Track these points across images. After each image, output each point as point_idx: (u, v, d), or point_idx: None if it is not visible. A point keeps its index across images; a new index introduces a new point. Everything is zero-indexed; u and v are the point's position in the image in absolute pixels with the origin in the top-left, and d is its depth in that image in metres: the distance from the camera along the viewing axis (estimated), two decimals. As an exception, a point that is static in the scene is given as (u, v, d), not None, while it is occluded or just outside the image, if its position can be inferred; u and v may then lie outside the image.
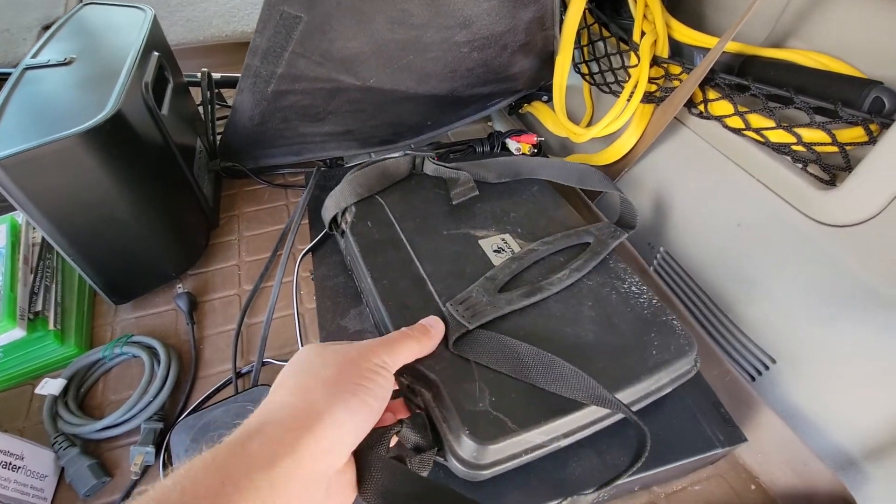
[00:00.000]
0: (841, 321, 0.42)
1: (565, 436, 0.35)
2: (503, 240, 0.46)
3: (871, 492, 0.42)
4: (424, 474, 0.31)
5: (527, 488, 0.36)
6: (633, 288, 0.43)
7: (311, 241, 0.56)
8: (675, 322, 0.40)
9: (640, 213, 0.61)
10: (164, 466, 0.46)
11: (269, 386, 0.49)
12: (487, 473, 0.33)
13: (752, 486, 0.46)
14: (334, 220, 0.51)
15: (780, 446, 0.44)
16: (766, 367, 0.48)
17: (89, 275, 0.52)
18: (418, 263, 0.43)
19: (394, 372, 0.30)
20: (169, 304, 0.59)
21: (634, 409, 0.37)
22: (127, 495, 0.44)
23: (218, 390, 0.52)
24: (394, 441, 0.31)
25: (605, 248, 0.45)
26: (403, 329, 0.33)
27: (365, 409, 0.26)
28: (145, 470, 0.46)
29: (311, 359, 0.29)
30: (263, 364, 0.52)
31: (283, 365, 0.53)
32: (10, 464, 0.40)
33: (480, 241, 0.46)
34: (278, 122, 0.64)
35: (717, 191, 0.53)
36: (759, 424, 0.46)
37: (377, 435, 0.30)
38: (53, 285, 0.56)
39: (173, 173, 0.59)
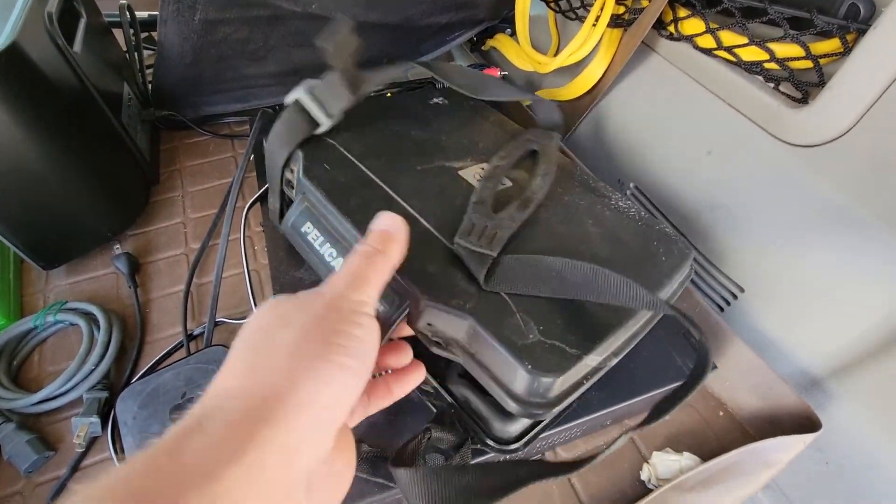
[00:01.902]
0: (811, 244, 0.41)
1: (615, 354, 0.32)
2: (482, 168, 0.42)
3: (835, 409, 0.43)
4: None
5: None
6: (621, 203, 0.41)
7: (259, 191, 0.51)
8: (668, 229, 0.39)
9: (609, 149, 0.59)
10: (113, 437, 0.42)
11: (225, 346, 0.46)
12: (555, 412, 0.29)
13: (721, 413, 0.46)
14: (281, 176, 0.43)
15: (747, 373, 0.45)
16: (735, 297, 0.48)
17: (7, 237, 0.46)
18: (401, 201, 0.36)
19: (376, 305, 0.24)
20: (108, 268, 0.54)
21: (653, 323, 0.35)
22: (74, 469, 0.41)
23: (168, 354, 0.48)
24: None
25: (551, 151, 0.43)
26: (359, 249, 0.25)
27: (343, 374, 0.20)
28: (92, 442, 0.42)
29: (267, 322, 0.22)
30: (216, 324, 0.49)
31: (239, 324, 0.51)
32: (-69, 445, 0.36)
33: (461, 172, 0.41)
34: (214, 60, 0.58)
35: (687, 119, 0.50)
36: (727, 353, 0.46)
37: (409, 452, 0.28)
38: (-31, 253, 0.50)
39: (96, 122, 0.53)
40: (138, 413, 0.41)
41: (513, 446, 0.33)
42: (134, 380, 0.44)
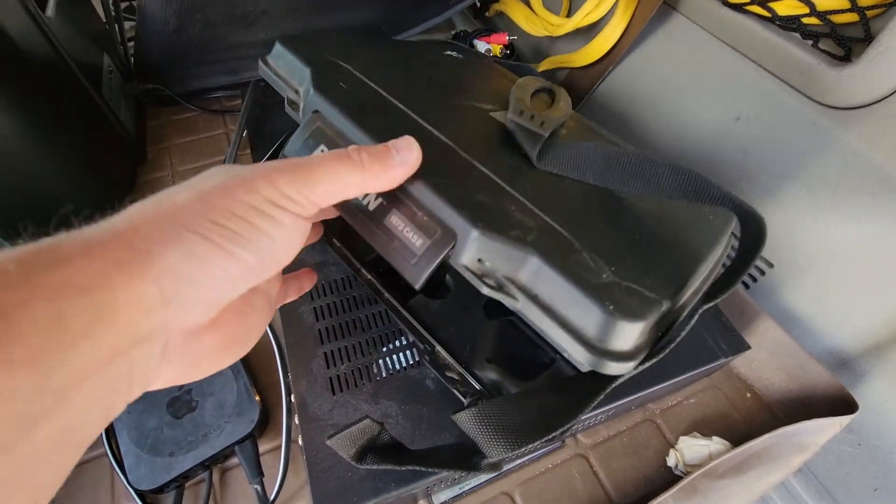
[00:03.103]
0: (848, 214, 0.39)
1: (695, 293, 0.28)
2: None
3: (866, 388, 0.41)
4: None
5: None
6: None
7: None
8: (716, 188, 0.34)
9: (626, 119, 0.56)
10: (108, 436, 0.40)
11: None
12: (633, 365, 0.24)
13: (748, 395, 0.44)
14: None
15: (776, 352, 0.42)
16: (762, 273, 0.45)
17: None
18: (434, 130, 0.30)
19: (313, 212, 0.20)
20: (94, 253, 0.51)
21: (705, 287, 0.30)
22: (66, 466, 0.39)
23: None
24: None
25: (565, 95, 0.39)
26: (339, 150, 0.21)
27: (222, 259, 0.17)
28: (84, 437, 0.40)
29: (198, 179, 0.19)
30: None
31: None
32: None
33: (493, 115, 0.35)
34: (200, 27, 0.53)
35: (712, 84, 0.47)
36: (754, 331, 0.43)
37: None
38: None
39: (74, 95, 0.49)
40: (133, 407, 0.38)
41: (620, 363, 0.25)
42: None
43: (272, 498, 0.36)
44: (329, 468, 0.30)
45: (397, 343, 0.37)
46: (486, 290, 0.25)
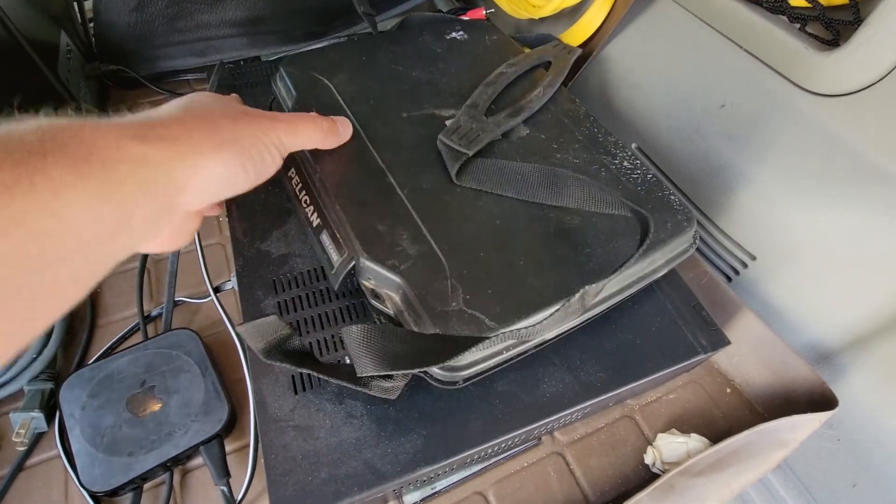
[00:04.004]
0: (832, 205, 0.37)
1: (543, 331, 0.29)
2: None
3: (847, 383, 0.40)
4: (397, 393, 0.29)
5: (491, 416, 0.31)
6: (626, 163, 0.37)
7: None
8: (673, 197, 0.35)
9: (609, 105, 0.54)
10: (61, 433, 0.38)
11: (190, 329, 0.41)
12: (465, 374, 0.29)
13: (728, 390, 0.43)
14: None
15: (758, 346, 0.41)
16: (745, 266, 0.44)
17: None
18: (374, 152, 0.36)
19: (286, 154, 0.29)
20: (52, 243, 0.48)
21: (627, 293, 0.34)
22: (18, 469, 0.37)
23: (124, 338, 0.43)
24: None
25: (566, 64, 0.44)
26: (313, 114, 0.32)
27: (241, 172, 0.26)
28: (37, 439, 0.38)
29: (208, 102, 0.26)
30: (176, 304, 0.44)
31: (200, 304, 0.46)
32: None
33: (448, 122, 0.38)
34: (164, 5, 0.50)
35: (698, 69, 0.45)
36: (736, 326, 0.42)
37: None
38: None
39: (26, 74, 0.46)
40: (88, 403, 0.36)
41: (448, 373, 0.29)
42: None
43: (239, 499, 0.35)
44: (288, 472, 0.29)
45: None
46: (372, 302, 0.32)
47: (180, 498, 0.37)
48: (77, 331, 0.43)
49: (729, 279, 0.46)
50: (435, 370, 0.28)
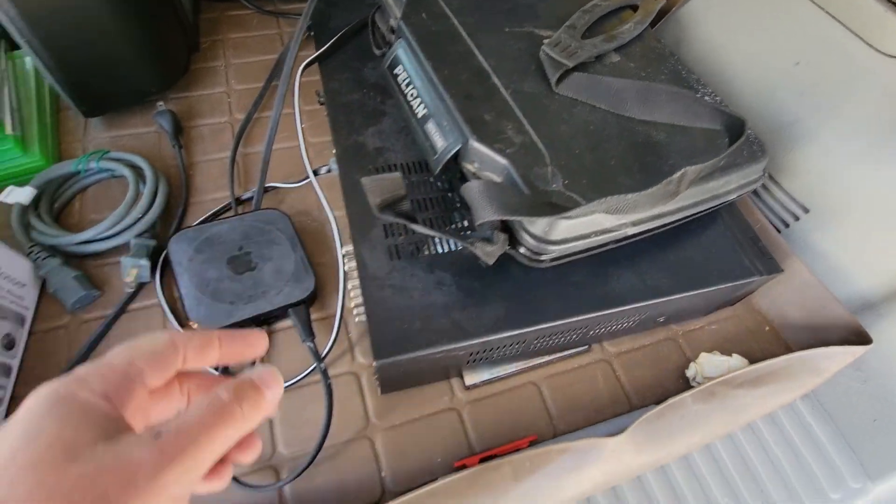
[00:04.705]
0: (892, 158, 0.40)
1: (634, 224, 0.32)
2: None
3: (881, 332, 0.43)
4: (495, 258, 0.32)
5: (565, 299, 0.35)
6: (706, 98, 0.40)
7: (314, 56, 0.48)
8: (750, 131, 0.38)
9: (693, 50, 0.56)
10: (161, 285, 0.42)
11: (279, 210, 0.44)
12: (554, 251, 0.32)
13: (766, 328, 0.46)
14: (373, 24, 0.45)
15: (800, 290, 0.44)
16: (796, 219, 0.47)
17: (54, 74, 0.44)
18: (480, 56, 0.39)
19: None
20: (149, 126, 0.52)
21: (700, 209, 0.37)
22: (122, 310, 0.41)
23: (216, 214, 0.47)
24: None
25: (654, 8, 0.47)
26: (217, 405, 0.18)
27: None
28: (139, 288, 0.42)
29: (47, 441, 0.15)
30: (266, 189, 0.47)
31: (290, 189, 0.49)
32: (-18, 262, 0.35)
33: (547, 41, 0.41)
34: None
35: (776, 29, 0.48)
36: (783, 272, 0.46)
37: None
38: (6, 89, 0.47)
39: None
40: (194, 256, 0.40)
41: (540, 245, 0.32)
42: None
43: (323, 354, 0.38)
44: (387, 320, 0.33)
45: (452, 227, 0.38)
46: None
47: (266, 354, 0.40)
48: (172, 206, 0.47)
49: (779, 231, 0.49)
50: (528, 240, 0.32)
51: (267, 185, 0.47)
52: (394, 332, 0.32)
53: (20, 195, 0.42)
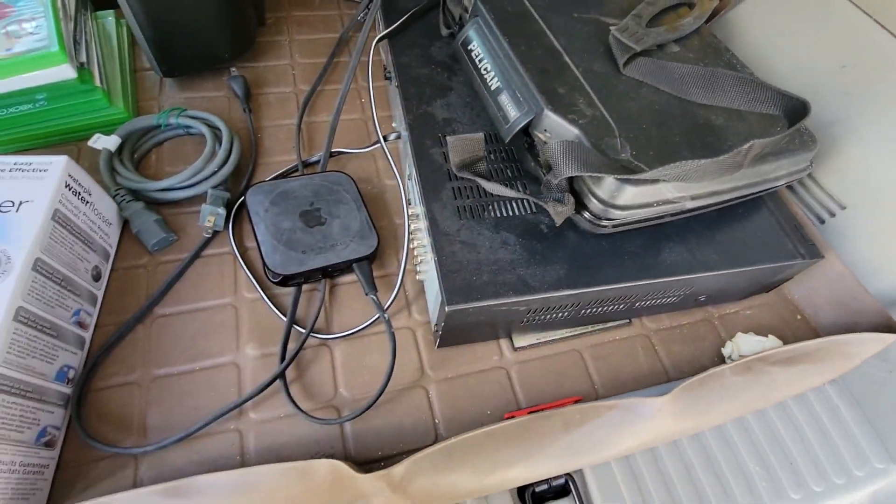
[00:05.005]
0: (934, 160, 0.42)
1: (693, 198, 0.35)
2: None
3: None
4: (563, 218, 0.35)
5: (620, 266, 0.37)
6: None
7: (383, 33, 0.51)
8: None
9: (744, 48, 0.59)
10: (234, 234, 0.44)
11: (344, 173, 0.47)
12: (620, 215, 0.34)
13: (798, 317, 0.49)
14: (444, 5, 0.49)
15: (833, 282, 0.47)
16: (832, 215, 0.49)
17: (147, 35, 0.47)
18: (552, 36, 0.42)
19: None
20: (220, 91, 0.55)
21: (754, 190, 0.39)
22: (197, 254, 0.43)
23: (285, 174, 0.49)
24: None
25: (710, 6, 0.50)
26: None
27: None
28: (214, 235, 0.44)
29: None
30: (332, 154, 0.50)
31: (353, 156, 0.52)
32: (80, 195, 0.38)
33: (611, 28, 0.44)
34: None
35: (824, 33, 0.50)
36: (817, 263, 0.48)
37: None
38: (94, 44, 0.50)
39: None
40: (270, 208, 0.42)
41: (606, 208, 0.35)
42: (252, 189, 0.46)
43: (386, 306, 0.41)
44: (457, 270, 0.35)
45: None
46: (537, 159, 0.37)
47: (329, 303, 0.43)
48: (242, 165, 0.49)
49: (823, 221, 0.51)
50: (595, 204, 0.34)
51: (333, 150, 0.50)
52: (463, 282, 0.35)
53: (108, 142, 0.45)
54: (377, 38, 0.48)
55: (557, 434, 0.35)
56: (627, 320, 0.46)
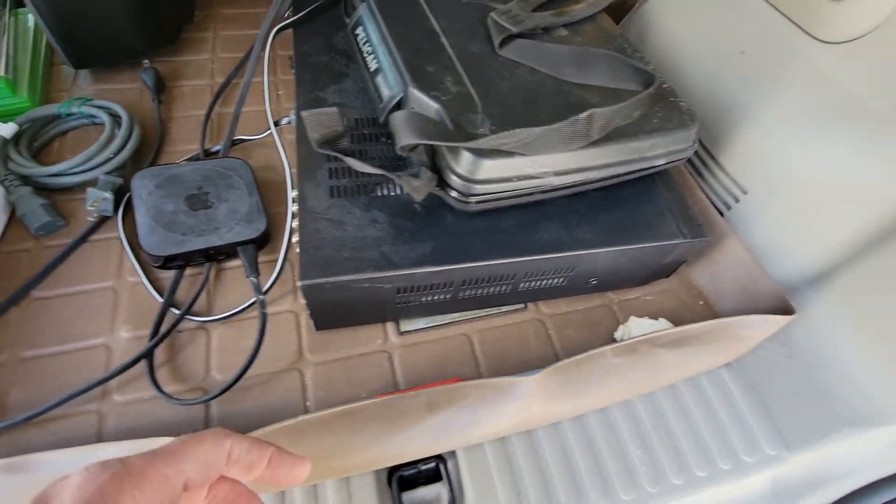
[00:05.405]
0: (822, 140, 0.42)
1: (557, 174, 0.35)
2: None
3: (808, 310, 0.44)
4: (423, 194, 0.34)
5: (492, 243, 0.37)
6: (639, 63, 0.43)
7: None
8: (682, 103, 0.41)
9: (651, 54, 0.59)
10: (125, 219, 0.44)
11: (241, 159, 0.47)
12: (481, 189, 0.34)
13: (700, 302, 0.48)
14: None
15: (735, 266, 0.46)
16: (737, 201, 0.49)
17: (47, 22, 0.47)
18: (433, 19, 0.42)
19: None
20: (134, 83, 0.55)
21: (630, 168, 0.39)
22: (83, 239, 0.43)
23: (186, 162, 0.49)
24: None
25: None
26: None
27: None
28: (102, 221, 0.44)
29: None
30: (234, 143, 0.50)
31: (257, 145, 0.52)
32: (-46, 176, 0.38)
33: (492, 13, 0.44)
34: None
35: (725, 20, 0.51)
36: (720, 247, 0.47)
37: None
38: (4, 38, 0.51)
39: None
40: (154, 191, 0.42)
41: (466, 183, 0.35)
42: (149, 176, 0.46)
43: (265, 288, 0.40)
44: (318, 247, 0.35)
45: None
46: None
47: (213, 286, 0.43)
48: (145, 152, 0.50)
49: (721, 214, 0.51)
50: (454, 180, 0.34)
51: (235, 138, 0.50)
52: (322, 258, 0.34)
53: (2, 129, 0.45)
54: (276, 29, 0.49)
55: (422, 414, 0.35)
56: (523, 305, 0.45)
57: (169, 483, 0.18)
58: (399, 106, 0.37)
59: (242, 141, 0.51)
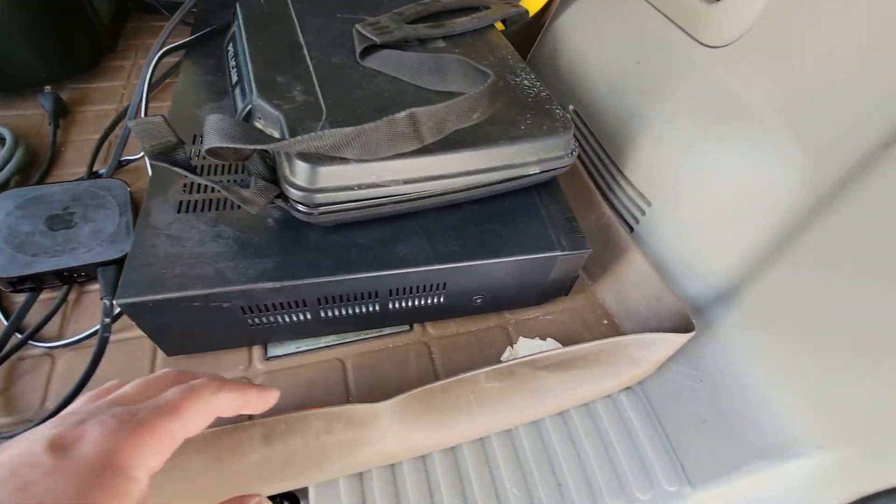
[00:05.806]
0: (711, 144, 0.40)
1: (406, 182, 0.32)
2: None
3: (718, 330, 0.41)
4: (258, 207, 0.33)
5: (343, 259, 0.34)
6: (525, 82, 0.42)
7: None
8: (557, 110, 0.39)
9: (557, 73, 0.58)
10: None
11: (124, 182, 0.45)
12: (321, 198, 0.32)
13: (605, 321, 0.44)
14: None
15: (639, 283, 0.43)
16: (643, 213, 0.46)
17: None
18: (299, 32, 0.41)
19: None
20: (37, 109, 0.55)
21: (496, 177, 0.36)
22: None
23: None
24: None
25: (503, 12, 0.49)
26: (156, 403, 0.21)
27: None
28: (-32, 243, 0.42)
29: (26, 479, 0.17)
30: (120, 164, 0.49)
31: (140, 164, 0.51)
32: None
33: (358, 26, 0.43)
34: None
35: (624, 31, 0.49)
36: (624, 264, 0.44)
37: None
38: None
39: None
40: (13, 212, 0.40)
41: (305, 194, 0.32)
42: (26, 198, 0.44)
43: (117, 312, 0.38)
44: (147, 264, 0.32)
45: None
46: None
47: (70, 309, 0.40)
48: (32, 175, 0.48)
49: (632, 229, 0.48)
50: (291, 191, 0.32)
51: (122, 158, 0.49)
52: (149, 275, 0.32)
53: None
54: (161, 52, 0.48)
55: (256, 447, 0.31)
56: (408, 326, 0.42)
57: (174, 438, 0.21)
58: (248, 116, 0.36)
59: (129, 162, 0.50)
